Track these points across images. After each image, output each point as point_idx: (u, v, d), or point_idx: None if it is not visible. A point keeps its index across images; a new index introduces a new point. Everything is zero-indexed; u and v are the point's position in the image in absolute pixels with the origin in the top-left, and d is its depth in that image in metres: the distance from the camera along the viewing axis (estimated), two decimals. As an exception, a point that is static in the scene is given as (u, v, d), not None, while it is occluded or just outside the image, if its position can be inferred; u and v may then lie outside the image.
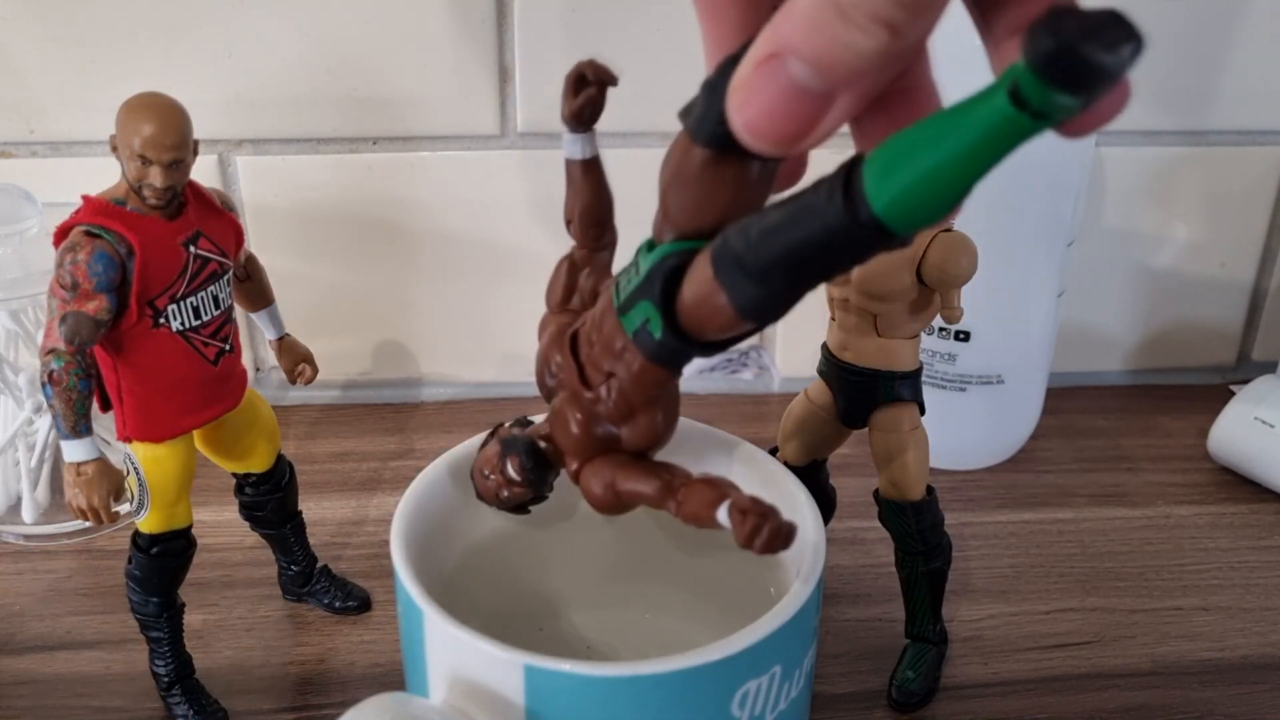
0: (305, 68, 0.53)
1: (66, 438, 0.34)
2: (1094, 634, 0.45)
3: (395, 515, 0.32)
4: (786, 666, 0.29)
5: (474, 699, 0.29)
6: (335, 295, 0.58)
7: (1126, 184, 0.59)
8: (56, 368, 0.33)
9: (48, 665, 0.42)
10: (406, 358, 0.60)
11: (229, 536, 0.48)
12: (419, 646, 0.30)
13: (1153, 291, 0.62)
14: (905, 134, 0.21)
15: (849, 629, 0.44)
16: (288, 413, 0.59)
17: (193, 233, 0.35)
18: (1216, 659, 0.43)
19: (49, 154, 0.55)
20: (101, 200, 0.34)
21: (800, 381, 0.62)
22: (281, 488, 0.42)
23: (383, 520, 0.51)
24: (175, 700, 0.40)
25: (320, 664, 0.43)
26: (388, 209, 0.57)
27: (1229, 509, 0.53)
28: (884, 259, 0.37)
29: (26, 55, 0.53)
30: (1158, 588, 0.47)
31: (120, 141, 0.33)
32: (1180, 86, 0.57)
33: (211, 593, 0.46)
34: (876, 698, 0.41)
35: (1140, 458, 0.56)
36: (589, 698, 0.28)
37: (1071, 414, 0.60)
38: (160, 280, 0.34)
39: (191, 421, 0.37)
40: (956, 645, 0.44)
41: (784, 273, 0.23)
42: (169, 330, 0.35)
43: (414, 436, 0.58)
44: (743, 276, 0.24)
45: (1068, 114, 0.20)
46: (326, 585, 0.45)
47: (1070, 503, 0.53)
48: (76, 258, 0.33)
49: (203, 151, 0.35)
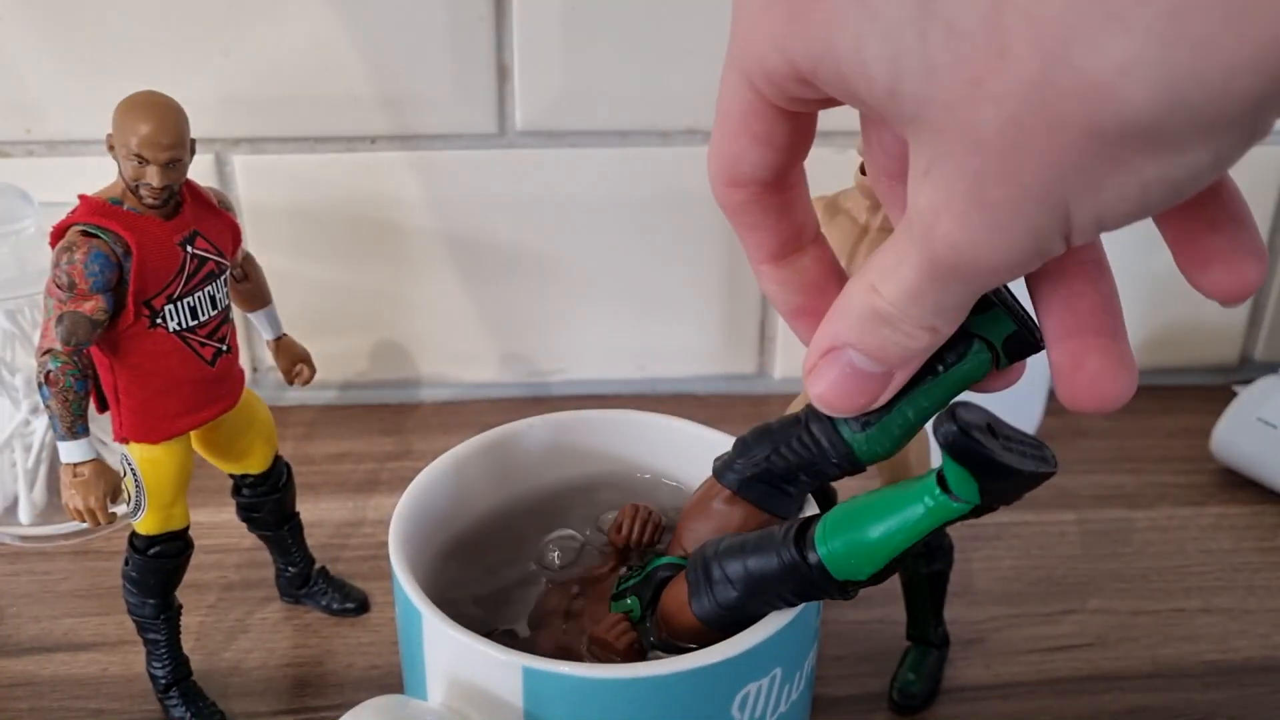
0: (302, 66, 0.53)
1: (63, 438, 0.34)
2: (1096, 636, 0.44)
3: (393, 516, 0.32)
4: (787, 669, 0.29)
5: (472, 701, 0.29)
6: (333, 295, 0.58)
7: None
8: (53, 368, 0.33)
9: (44, 667, 0.42)
10: (404, 358, 0.60)
11: (226, 538, 0.48)
12: (417, 648, 0.30)
13: (1155, 291, 0.62)
14: (856, 502, 0.27)
15: (850, 631, 0.44)
16: (285, 413, 0.59)
17: (190, 232, 0.35)
18: (1219, 661, 0.43)
19: (45, 153, 0.54)
20: (98, 200, 0.34)
21: (800, 382, 0.62)
22: (279, 489, 0.42)
23: (381, 521, 0.50)
24: (173, 702, 0.39)
25: (318, 666, 0.42)
26: (385, 208, 0.56)
27: (1231, 510, 0.52)
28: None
29: (23, 54, 0.52)
30: (1160, 589, 0.47)
31: (117, 141, 0.33)
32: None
33: (209, 594, 0.46)
34: (877, 700, 0.41)
35: (1142, 459, 0.56)
36: (588, 700, 0.27)
37: (1073, 414, 0.59)
38: (157, 280, 0.34)
39: (189, 422, 0.37)
40: (958, 647, 0.44)
41: (741, 589, 0.28)
42: (166, 330, 0.35)
43: (412, 437, 0.57)
44: (707, 587, 0.29)
45: (967, 507, 0.26)
46: (324, 587, 0.45)
47: (1072, 504, 0.52)
48: (73, 257, 0.33)
49: (200, 151, 0.35)
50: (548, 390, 0.59)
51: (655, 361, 0.60)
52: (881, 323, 0.24)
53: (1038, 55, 0.18)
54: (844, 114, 0.23)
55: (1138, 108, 0.17)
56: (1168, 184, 0.19)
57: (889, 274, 0.23)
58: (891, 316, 0.23)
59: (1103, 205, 0.19)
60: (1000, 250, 0.21)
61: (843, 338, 0.25)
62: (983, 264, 0.21)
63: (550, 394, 0.59)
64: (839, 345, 0.25)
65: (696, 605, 0.29)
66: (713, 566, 0.29)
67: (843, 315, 0.25)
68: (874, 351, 0.24)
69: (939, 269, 0.22)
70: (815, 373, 0.25)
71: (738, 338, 0.61)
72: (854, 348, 0.25)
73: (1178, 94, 0.17)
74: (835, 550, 0.27)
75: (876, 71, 0.20)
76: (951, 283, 0.22)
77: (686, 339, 0.60)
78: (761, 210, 0.26)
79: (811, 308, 0.27)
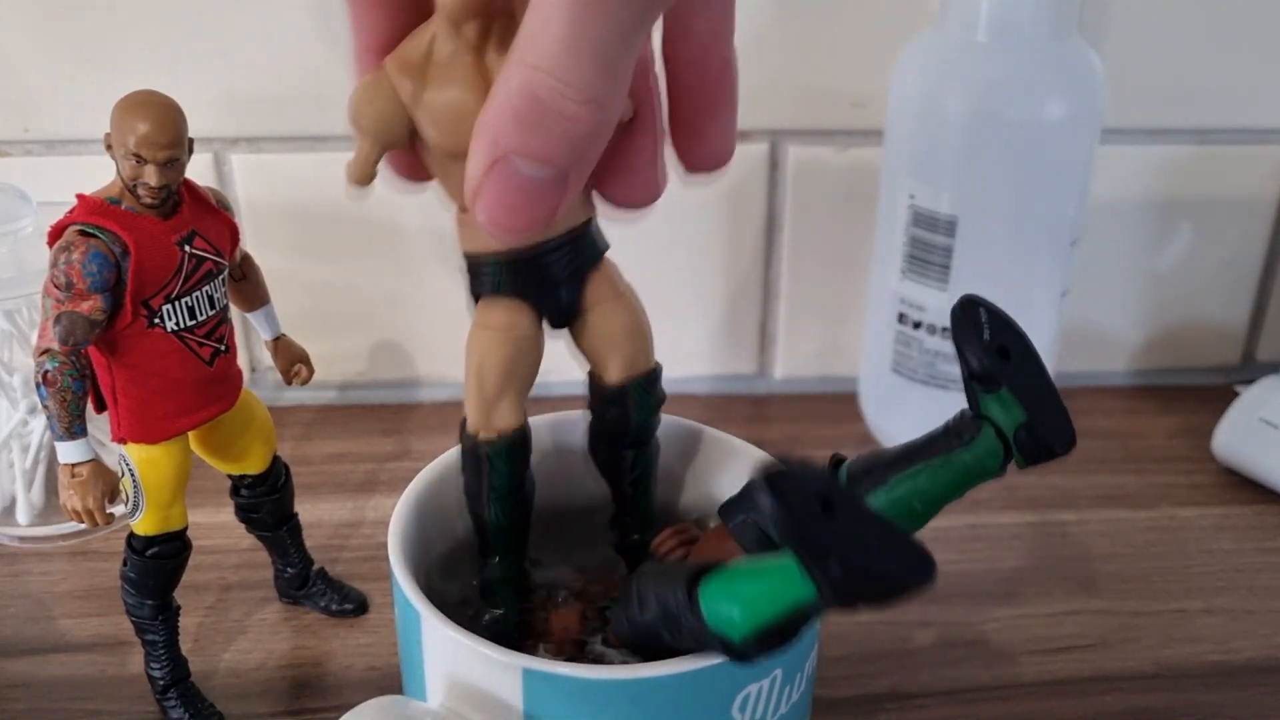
0: (301, 65, 0.53)
1: (61, 439, 0.34)
2: (1097, 637, 0.44)
3: (393, 517, 0.32)
4: (788, 670, 0.29)
5: (472, 702, 0.28)
6: (332, 295, 0.58)
7: (1131, 183, 0.59)
8: (51, 368, 0.33)
9: (42, 668, 0.42)
10: (403, 358, 0.60)
11: (225, 539, 0.48)
12: (416, 649, 0.30)
13: (1157, 291, 0.62)
14: (740, 570, 0.25)
15: (850, 632, 0.44)
16: (284, 414, 0.58)
17: (188, 232, 0.35)
18: (1221, 661, 0.43)
19: (44, 152, 0.54)
20: (96, 199, 0.34)
21: (800, 382, 0.62)
22: (277, 489, 0.42)
23: (380, 522, 0.50)
24: (171, 704, 0.39)
25: (317, 667, 0.42)
26: (384, 208, 0.56)
27: (1233, 511, 0.52)
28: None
29: (21, 53, 0.52)
30: (1161, 590, 0.47)
31: (115, 140, 0.33)
32: (1185, 85, 0.57)
33: (207, 595, 0.45)
34: (878, 701, 0.41)
35: (1144, 459, 0.56)
36: (588, 701, 0.27)
37: (1074, 414, 0.59)
38: (155, 280, 0.34)
39: (187, 422, 0.37)
40: (959, 648, 0.43)
41: (651, 613, 0.27)
42: (164, 330, 0.35)
43: (411, 437, 0.57)
44: (624, 602, 0.28)
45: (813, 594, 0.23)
46: (323, 588, 0.45)
47: (1073, 504, 0.52)
48: (71, 257, 0.33)
49: (198, 150, 0.35)
50: (547, 390, 0.59)
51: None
52: (541, 111, 0.22)
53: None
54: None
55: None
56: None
57: (537, 35, 0.21)
58: (551, 91, 0.22)
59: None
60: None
61: (502, 143, 0.22)
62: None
63: (550, 394, 0.58)
64: (500, 155, 0.23)
65: (614, 619, 0.28)
66: (634, 582, 0.28)
67: (497, 115, 0.22)
68: (540, 150, 0.22)
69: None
70: (480, 193, 0.23)
71: (738, 338, 0.61)
72: (517, 153, 0.22)
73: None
74: (711, 591, 0.25)
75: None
76: (601, 8, 0.21)
77: (686, 339, 0.60)
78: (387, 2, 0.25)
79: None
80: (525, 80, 0.22)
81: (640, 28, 0.22)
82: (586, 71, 0.21)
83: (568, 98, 0.22)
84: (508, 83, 0.22)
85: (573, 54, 0.21)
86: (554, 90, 0.22)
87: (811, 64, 0.55)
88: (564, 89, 0.22)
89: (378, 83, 0.27)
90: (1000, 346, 0.27)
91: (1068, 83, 0.48)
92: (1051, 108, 0.48)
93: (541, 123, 0.22)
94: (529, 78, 0.22)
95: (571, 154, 0.23)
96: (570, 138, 0.22)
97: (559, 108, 0.22)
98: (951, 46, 0.49)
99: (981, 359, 0.26)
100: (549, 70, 0.21)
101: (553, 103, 0.22)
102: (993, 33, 0.47)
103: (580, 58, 0.21)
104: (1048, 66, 0.48)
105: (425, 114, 0.27)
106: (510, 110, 0.22)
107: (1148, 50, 0.56)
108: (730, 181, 0.57)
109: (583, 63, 0.21)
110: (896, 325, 0.53)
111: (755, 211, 0.58)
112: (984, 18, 0.47)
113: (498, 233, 0.23)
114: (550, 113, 0.22)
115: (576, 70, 0.21)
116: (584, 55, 0.21)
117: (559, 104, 0.22)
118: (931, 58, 0.49)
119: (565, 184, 0.23)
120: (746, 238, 0.58)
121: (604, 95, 0.22)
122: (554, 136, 0.22)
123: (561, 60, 0.21)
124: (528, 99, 0.22)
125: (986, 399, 0.26)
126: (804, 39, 0.54)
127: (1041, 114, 0.48)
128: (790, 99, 0.55)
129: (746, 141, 0.56)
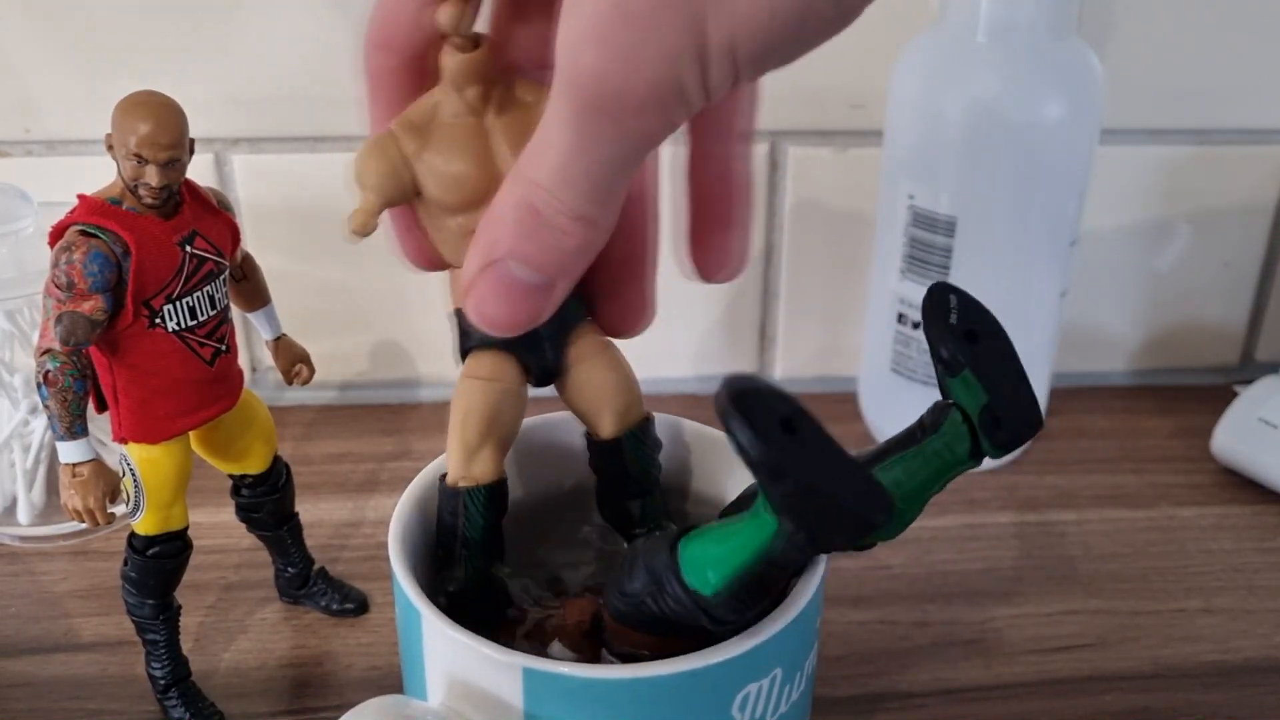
0: (302, 66, 0.53)
1: (62, 439, 0.34)
2: (1096, 636, 0.44)
3: (393, 517, 0.32)
4: (787, 669, 0.29)
5: (472, 702, 0.28)
6: (332, 295, 0.58)
7: (1130, 183, 0.59)
8: (52, 368, 0.33)
9: (43, 668, 0.42)
10: (404, 358, 0.60)
11: (225, 538, 0.48)
12: (417, 649, 0.30)
13: (1156, 291, 0.62)
14: (715, 525, 0.26)
15: (850, 631, 0.44)
16: (284, 413, 0.58)
17: (189, 232, 0.35)
18: (1220, 661, 0.43)
19: (45, 153, 0.54)
20: (97, 199, 0.34)
21: (800, 382, 0.62)
22: (278, 489, 0.42)
23: (380, 522, 0.50)
24: (172, 703, 0.39)
25: (318, 666, 0.42)
26: (386, 209, 0.56)
27: (1232, 510, 0.52)
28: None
29: (22, 53, 0.52)
30: (1161, 590, 0.47)
31: (116, 140, 0.33)
32: (1184, 85, 0.57)
33: (208, 595, 0.46)
34: (878, 701, 0.41)
35: (1143, 459, 0.56)
36: (588, 701, 0.27)
37: (1074, 414, 0.59)
38: (156, 280, 0.34)
39: (188, 422, 0.37)
40: (958, 647, 0.43)
41: (642, 585, 0.27)
42: (165, 330, 0.35)
43: (411, 437, 0.57)
44: (615, 576, 0.28)
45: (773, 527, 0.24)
46: (324, 587, 0.45)
47: (1073, 504, 0.52)
48: (72, 257, 0.33)
49: (199, 150, 0.35)
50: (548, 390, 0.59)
51: (655, 361, 0.60)
52: (537, 222, 0.24)
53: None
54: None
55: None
56: (790, 6, 0.21)
57: (540, 152, 0.23)
58: (547, 205, 0.23)
59: (735, 21, 0.21)
60: (643, 74, 0.21)
61: (499, 246, 0.24)
62: (627, 94, 0.22)
63: (550, 394, 0.59)
64: (496, 257, 0.25)
65: (607, 593, 0.28)
66: (628, 552, 0.28)
67: (498, 220, 0.24)
68: (532, 257, 0.24)
69: (587, 111, 0.22)
70: (474, 289, 0.25)
71: (738, 338, 0.61)
72: (512, 256, 0.24)
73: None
74: (689, 548, 0.26)
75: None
76: (601, 130, 0.22)
77: (686, 339, 0.60)
78: (403, 83, 0.27)
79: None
80: (525, 193, 0.24)
81: (633, 160, 0.23)
82: (580, 193, 0.23)
83: (562, 213, 0.24)
84: (510, 193, 0.24)
85: (569, 175, 0.23)
86: (549, 205, 0.23)
87: (811, 65, 0.55)
88: (559, 205, 0.23)
89: (383, 142, 0.29)
90: (968, 330, 0.27)
91: (1067, 83, 0.48)
92: (1051, 108, 0.48)
93: (536, 232, 0.24)
94: (529, 190, 0.24)
95: (560, 264, 0.25)
96: (561, 249, 0.24)
97: (553, 221, 0.24)
98: (951, 47, 0.49)
99: (945, 340, 0.26)
100: (547, 187, 0.23)
101: (548, 216, 0.24)
102: (992, 33, 0.47)
103: (575, 180, 0.23)
104: (1047, 67, 0.48)
105: (427, 170, 0.29)
106: (509, 218, 0.24)
107: (1147, 50, 0.56)
108: (730, 182, 0.57)
109: (577, 184, 0.23)
110: (896, 325, 0.53)
111: (755, 212, 0.58)
112: (984, 18, 0.47)
113: (487, 326, 0.25)
114: (545, 225, 0.24)
115: (571, 190, 0.23)
116: (579, 178, 0.23)
117: (553, 218, 0.24)
118: (931, 58, 0.49)
119: (552, 290, 0.25)
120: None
121: (595, 216, 0.24)
122: (546, 246, 0.24)
123: (558, 179, 0.23)
124: (526, 210, 0.24)
125: (952, 383, 0.26)
126: (804, 39, 0.54)
127: (1041, 114, 0.48)
128: (790, 99, 0.55)
129: (746, 142, 0.56)
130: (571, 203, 0.23)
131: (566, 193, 0.23)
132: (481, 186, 0.28)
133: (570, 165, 0.23)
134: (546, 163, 0.23)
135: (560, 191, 0.23)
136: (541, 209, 0.24)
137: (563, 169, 0.23)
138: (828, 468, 0.22)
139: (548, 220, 0.24)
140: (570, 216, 0.24)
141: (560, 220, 0.24)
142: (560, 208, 0.23)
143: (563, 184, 0.23)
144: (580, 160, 0.23)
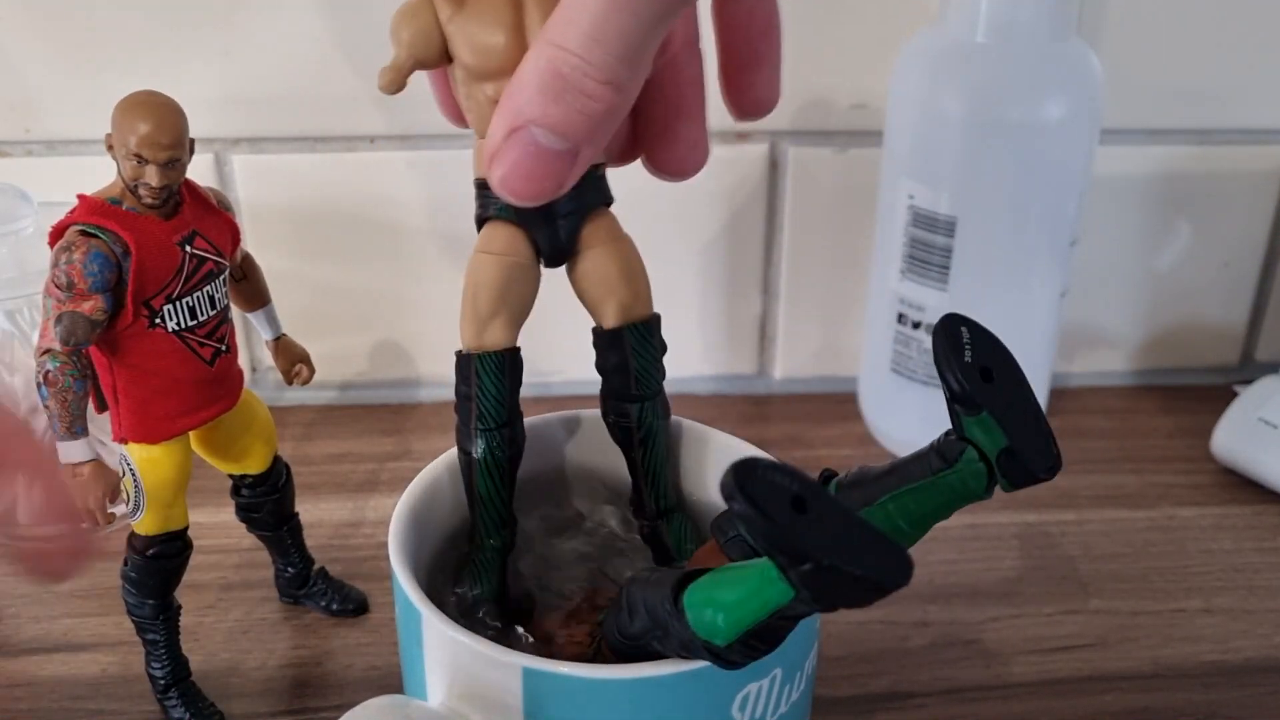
0: (302, 66, 0.53)
1: (62, 439, 0.34)
2: (1096, 636, 0.44)
3: (393, 517, 0.32)
4: (787, 669, 0.29)
5: (472, 702, 0.28)
6: (332, 295, 0.58)
7: (1130, 183, 0.59)
8: (52, 368, 0.33)
9: (43, 668, 0.42)
10: (404, 358, 0.60)
11: (225, 538, 0.48)
12: (417, 649, 0.30)
13: (1155, 291, 0.62)
14: (722, 575, 0.25)
15: (850, 631, 0.44)
16: (284, 414, 0.58)
17: (189, 232, 0.35)
18: (1220, 661, 0.43)
19: (45, 153, 0.54)
20: (97, 199, 0.34)
21: (800, 382, 0.62)
22: (278, 489, 0.42)
23: (380, 522, 0.50)
24: (172, 703, 0.39)
25: (317, 667, 0.42)
26: (385, 208, 0.56)
27: (1232, 510, 0.52)
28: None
29: (22, 53, 0.52)
30: (1160, 590, 0.47)
31: (116, 140, 0.33)
32: (1184, 85, 0.57)
33: (208, 595, 0.46)
34: (878, 701, 0.41)
35: (1143, 459, 0.56)
36: (588, 701, 0.27)
37: (1074, 414, 0.59)
38: (156, 280, 0.34)
39: (188, 422, 0.37)
40: (958, 647, 0.43)
41: (639, 622, 0.27)
42: (165, 330, 0.35)
43: (411, 437, 0.57)
44: (614, 611, 0.28)
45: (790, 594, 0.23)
46: (324, 587, 0.45)
47: (1073, 504, 0.52)
48: (72, 257, 0.33)
49: (199, 150, 0.35)
50: (548, 390, 0.59)
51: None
52: (563, 86, 0.24)
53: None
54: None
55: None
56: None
57: (569, 18, 0.23)
58: (574, 70, 0.23)
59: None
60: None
61: (524, 113, 0.24)
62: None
63: (551, 394, 0.59)
64: (521, 123, 0.24)
65: (606, 629, 0.28)
66: (624, 591, 0.28)
67: (522, 87, 0.24)
68: (557, 124, 0.24)
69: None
70: (498, 156, 0.25)
71: (738, 338, 0.61)
72: (536, 123, 0.24)
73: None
74: (695, 597, 0.25)
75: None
76: (629, 1, 0.23)
77: (686, 339, 0.60)
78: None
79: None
80: (552, 57, 0.23)
81: (663, 22, 0.23)
82: (610, 56, 0.23)
83: (590, 77, 0.23)
84: (536, 58, 0.24)
85: (599, 38, 0.23)
86: (577, 69, 0.23)
87: (811, 65, 0.55)
88: (587, 69, 0.23)
89: (420, 4, 0.29)
90: (983, 367, 0.26)
91: (1067, 83, 0.48)
92: (1051, 108, 0.48)
93: (562, 97, 0.24)
94: (555, 55, 0.23)
95: (586, 130, 0.24)
96: (587, 114, 0.24)
97: (580, 85, 0.23)
98: (951, 47, 0.49)
99: (962, 381, 0.26)
100: (577, 51, 0.23)
101: (575, 80, 0.23)
102: (992, 33, 0.47)
103: (605, 43, 0.23)
104: (1047, 67, 0.48)
105: (460, 35, 0.29)
106: (535, 83, 0.24)
107: (1147, 50, 0.56)
108: (730, 181, 0.57)
109: (607, 48, 0.23)
110: (896, 325, 0.53)
111: (755, 212, 0.58)
112: (983, 18, 0.47)
113: (509, 195, 0.25)
114: (571, 89, 0.24)
115: (600, 54, 0.23)
116: (609, 41, 0.23)
117: (580, 82, 0.23)
118: (931, 58, 0.49)
119: (576, 158, 0.25)
120: (746, 238, 0.58)
121: (623, 80, 0.24)
122: (572, 111, 0.24)
123: (587, 43, 0.23)
124: (552, 74, 0.24)
125: (969, 422, 0.26)
126: (804, 39, 0.54)
127: (1041, 114, 0.48)
128: (790, 100, 0.55)
129: (746, 142, 0.56)
130: (603, 64, 0.23)
131: (599, 54, 0.23)
132: (513, 55, 0.28)
133: (604, 25, 0.23)
134: (577, 25, 0.23)
135: (592, 54, 0.23)
136: (568, 74, 0.23)
137: (596, 30, 0.23)
138: (845, 542, 0.21)
139: (574, 85, 0.23)
140: (599, 80, 0.23)
141: (588, 84, 0.23)
142: (590, 71, 0.23)
143: (595, 45, 0.23)
144: (615, 19, 0.23)
